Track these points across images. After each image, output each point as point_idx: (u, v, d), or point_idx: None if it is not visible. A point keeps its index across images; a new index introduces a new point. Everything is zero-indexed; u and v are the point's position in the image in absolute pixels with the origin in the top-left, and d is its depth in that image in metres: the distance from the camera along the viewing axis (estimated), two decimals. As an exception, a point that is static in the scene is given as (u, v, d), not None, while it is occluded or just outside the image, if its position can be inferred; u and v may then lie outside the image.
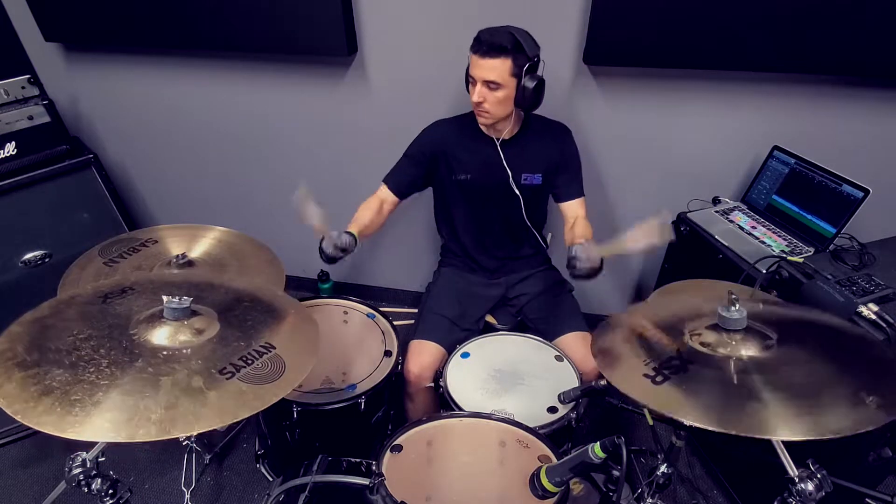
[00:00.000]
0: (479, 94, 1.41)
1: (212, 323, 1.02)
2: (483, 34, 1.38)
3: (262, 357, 0.96)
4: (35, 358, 0.86)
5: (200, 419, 0.81)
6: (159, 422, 0.78)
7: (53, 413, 0.77)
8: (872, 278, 1.34)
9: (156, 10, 1.86)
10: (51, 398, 0.79)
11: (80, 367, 0.85)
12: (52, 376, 0.82)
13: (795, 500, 0.89)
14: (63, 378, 0.82)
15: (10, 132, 1.82)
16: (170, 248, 1.44)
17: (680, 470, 1.77)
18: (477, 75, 1.40)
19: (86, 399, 0.79)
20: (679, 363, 0.96)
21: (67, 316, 0.98)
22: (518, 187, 1.58)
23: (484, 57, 1.37)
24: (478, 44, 1.38)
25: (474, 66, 1.40)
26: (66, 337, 0.91)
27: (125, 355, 0.89)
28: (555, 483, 1.00)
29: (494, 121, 1.49)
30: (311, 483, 1.13)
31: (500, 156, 1.55)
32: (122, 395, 0.82)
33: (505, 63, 1.37)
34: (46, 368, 0.83)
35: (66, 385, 0.81)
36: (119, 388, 0.83)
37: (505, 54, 1.36)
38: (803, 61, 1.57)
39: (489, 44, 1.36)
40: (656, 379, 0.93)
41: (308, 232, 2.49)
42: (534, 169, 1.58)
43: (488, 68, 1.37)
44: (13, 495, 1.72)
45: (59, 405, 0.78)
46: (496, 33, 1.37)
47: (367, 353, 1.51)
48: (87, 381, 0.82)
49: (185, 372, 0.88)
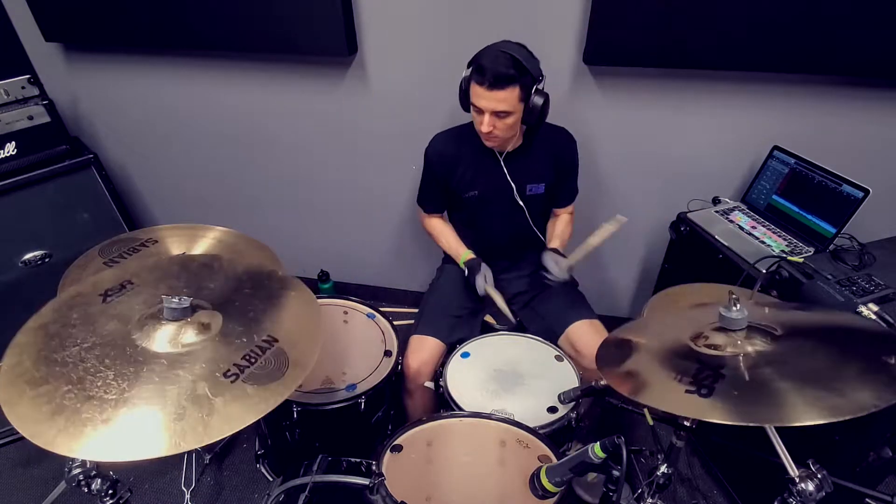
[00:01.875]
0: (487, 124, 1.35)
1: (213, 317, 1.02)
2: (485, 63, 1.29)
3: (265, 353, 0.95)
4: (43, 373, 0.86)
5: (209, 429, 0.81)
6: (169, 437, 0.79)
7: (66, 433, 0.78)
8: (872, 278, 1.34)
9: (156, 11, 1.86)
10: (63, 417, 0.80)
11: (87, 381, 0.85)
12: (62, 394, 0.83)
13: (795, 500, 0.89)
14: (73, 395, 0.83)
15: (10, 132, 1.82)
16: (170, 248, 1.44)
17: (680, 470, 1.77)
18: (485, 107, 1.33)
19: (96, 417, 0.80)
20: (712, 372, 0.92)
21: (70, 321, 0.98)
22: (523, 199, 1.57)
23: (491, 89, 1.30)
24: (480, 75, 1.30)
25: (479, 97, 1.33)
26: (71, 347, 0.92)
27: (130, 364, 0.90)
28: (555, 483, 1.00)
29: (503, 143, 1.48)
30: (311, 483, 1.13)
31: (504, 170, 1.53)
32: (130, 409, 0.82)
33: (513, 92, 1.31)
34: (55, 385, 0.84)
35: (76, 403, 0.82)
36: (126, 403, 0.83)
37: (513, 83, 1.30)
38: (803, 61, 1.57)
39: (495, 75, 1.28)
40: (701, 392, 0.89)
41: (308, 232, 2.51)
42: (538, 179, 1.57)
43: (499, 100, 1.31)
44: (13, 495, 1.72)
45: (72, 426, 0.79)
46: (498, 61, 1.29)
47: (367, 353, 1.51)
48: (95, 396, 0.83)
49: (191, 378, 0.88)
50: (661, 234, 1.94)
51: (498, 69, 1.28)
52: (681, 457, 1.78)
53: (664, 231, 1.86)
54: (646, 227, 2.05)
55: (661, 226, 1.91)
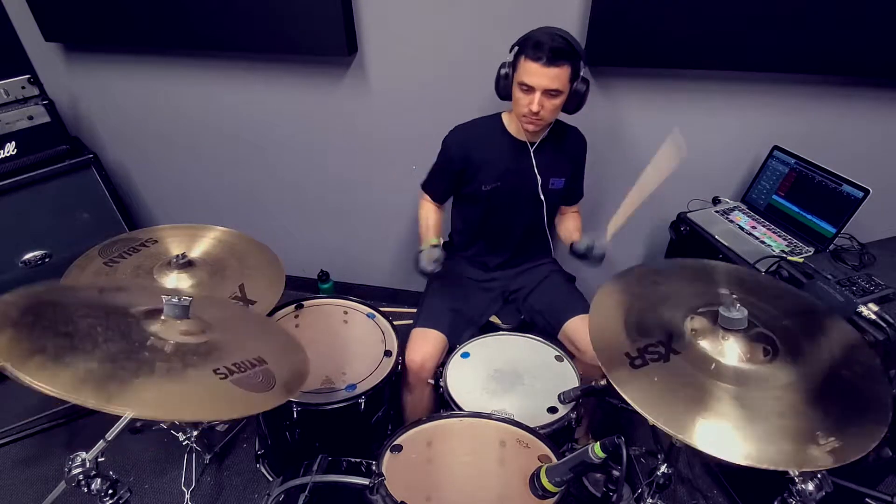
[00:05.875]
0: (538, 103, 1.34)
1: (209, 325, 1.02)
2: (543, 39, 1.30)
3: (254, 368, 0.96)
4: (30, 322, 0.84)
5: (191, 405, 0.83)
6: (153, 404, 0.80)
7: (45, 369, 0.76)
8: (872, 278, 1.34)
9: (156, 11, 1.86)
10: (42, 356, 0.78)
11: (74, 338, 0.84)
12: (46, 339, 0.82)
13: (795, 500, 0.89)
14: (57, 342, 0.82)
15: (10, 132, 1.82)
16: (170, 248, 1.44)
17: (680, 470, 1.77)
18: (538, 84, 1.32)
19: (79, 364, 0.79)
20: (664, 351, 0.92)
21: (66, 299, 0.97)
22: (544, 192, 1.56)
23: (549, 65, 1.29)
24: (538, 50, 1.29)
25: (532, 75, 1.32)
26: (62, 314, 0.90)
27: (123, 339, 0.89)
28: (555, 483, 1.00)
29: (543, 128, 1.47)
30: (311, 483, 1.13)
31: (532, 162, 1.53)
32: (116, 369, 0.82)
33: (566, 70, 1.32)
34: (41, 333, 0.83)
35: (59, 348, 0.80)
36: (113, 360, 0.83)
37: (567, 61, 1.31)
38: (803, 61, 1.57)
39: (553, 49, 1.28)
40: (635, 362, 0.90)
41: (308, 232, 2.50)
42: (560, 173, 1.57)
43: (552, 77, 1.31)
44: (13, 495, 1.72)
45: (52, 363, 0.77)
46: (555, 39, 1.30)
47: (367, 353, 1.50)
48: (81, 349, 0.82)
49: (180, 363, 0.89)
50: (661, 234, 1.94)
51: (556, 44, 1.29)
52: (681, 457, 1.78)
53: (664, 231, 1.86)
54: (646, 227, 2.05)
55: (661, 226, 1.91)
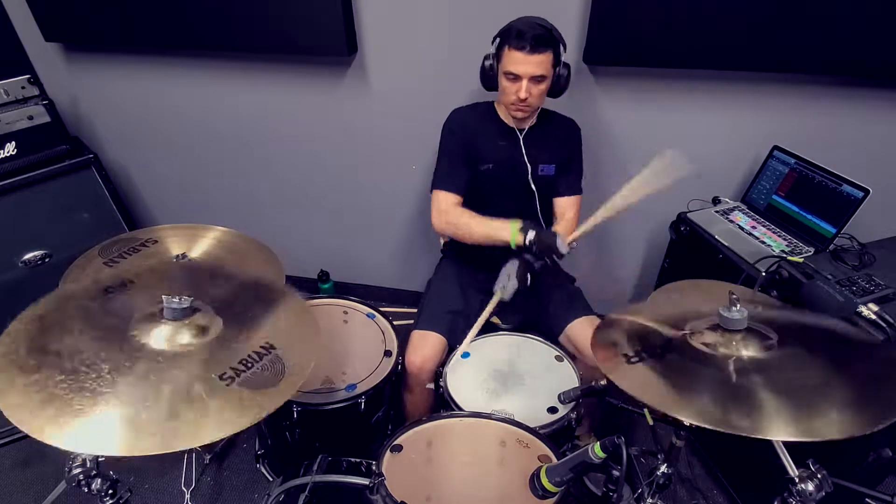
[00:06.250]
0: (525, 90, 1.39)
1: (213, 319, 1.01)
2: (523, 28, 1.35)
3: (262, 360, 0.95)
4: (37, 362, 0.85)
5: (202, 430, 0.81)
6: (161, 435, 0.78)
7: (56, 423, 0.77)
8: (872, 278, 1.34)
9: (156, 11, 1.86)
10: (53, 407, 0.79)
11: (80, 373, 0.84)
12: (54, 383, 0.82)
13: (795, 500, 0.89)
14: (65, 385, 0.82)
15: (10, 132, 1.82)
16: (170, 248, 1.44)
17: (680, 470, 1.77)
18: (522, 72, 1.37)
19: (88, 408, 0.79)
20: (659, 350, 0.98)
21: (68, 312, 0.97)
22: (535, 179, 1.58)
23: (532, 53, 1.35)
24: (521, 39, 1.35)
25: (517, 63, 1.37)
26: (67, 338, 0.91)
27: (127, 360, 0.89)
28: (555, 483, 1.00)
29: (531, 114, 1.51)
30: (311, 483, 1.13)
31: (521, 148, 1.56)
32: (124, 405, 0.81)
33: (549, 56, 1.37)
34: (48, 374, 0.83)
35: (68, 393, 0.81)
36: (120, 397, 0.82)
37: (548, 47, 1.36)
38: (803, 61, 1.57)
39: (535, 38, 1.34)
40: (631, 360, 0.96)
41: (308, 232, 2.50)
42: (549, 160, 1.59)
43: (537, 63, 1.36)
44: (13, 495, 1.72)
45: (62, 416, 0.78)
46: (536, 27, 1.35)
47: (367, 353, 1.51)
48: (88, 388, 0.82)
49: (186, 377, 0.88)
50: (661, 234, 1.94)
51: (537, 32, 1.34)
52: (681, 457, 1.78)
53: (664, 231, 1.86)
54: (646, 227, 2.06)
55: (661, 226, 1.91)
